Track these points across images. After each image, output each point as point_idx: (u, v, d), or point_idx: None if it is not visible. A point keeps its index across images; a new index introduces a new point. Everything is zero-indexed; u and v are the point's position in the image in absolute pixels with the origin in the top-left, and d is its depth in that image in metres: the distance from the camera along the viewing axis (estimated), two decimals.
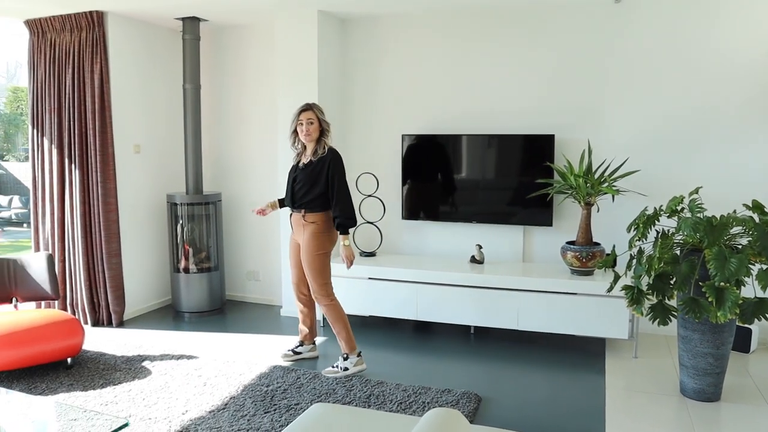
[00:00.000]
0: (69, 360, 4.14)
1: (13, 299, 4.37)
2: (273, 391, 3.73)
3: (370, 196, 5.23)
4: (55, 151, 5.09)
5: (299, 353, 4.35)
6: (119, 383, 3.88)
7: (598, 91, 4.75)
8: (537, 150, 4.78)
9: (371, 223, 5.23)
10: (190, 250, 5.46)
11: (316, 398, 3.62)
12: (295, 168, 4.12)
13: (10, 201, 13.03)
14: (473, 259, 4.92)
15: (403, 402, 3.56)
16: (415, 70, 5.21)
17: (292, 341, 4.69)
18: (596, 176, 4.48)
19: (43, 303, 5.10)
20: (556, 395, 3.71)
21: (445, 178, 5.08)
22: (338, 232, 4.01)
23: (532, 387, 3.85)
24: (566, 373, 4.06)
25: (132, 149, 5.32)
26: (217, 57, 5.79)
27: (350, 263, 4.05)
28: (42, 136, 5.17)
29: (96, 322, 5.17)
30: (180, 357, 4.34)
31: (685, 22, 4.50)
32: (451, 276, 4.66)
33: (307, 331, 4.36)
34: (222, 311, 5.55)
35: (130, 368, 4.12)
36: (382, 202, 5.23)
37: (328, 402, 3.42)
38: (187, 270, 5.44)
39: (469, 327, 4.94)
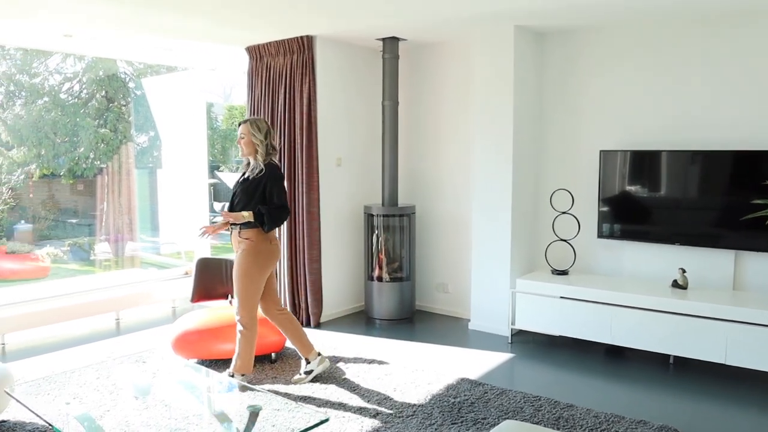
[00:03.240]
0: (273, 355, 4.52)
1: (228, 296, 4.85)
2: (460, 403, 3.77)
3: (564, 213, 5.09)
4: None
5: (310, 371, 4.17)
6: (316, 381, 4.14)
7: None
8: (752, 167, 4.35)
9: (565, 240, 5.09)
10: (384, 260, 5.69)
11: (503, 414, 3.60)
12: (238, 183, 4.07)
13: (223, 207, 14.43)
14: (675, 284, 4.60)
15: (595, 429, 3.42)
16: (613, 83, 4.99)
17: (480, 354, 4.71)
18: None
19: None
20: None
21: (645, 195, 4.81)
22: (273, 250, 3.97)
23: (740, 430, 3.50)
24: None
25: (334, 162, 5.69)
26: (415, 74, 6.00)
27: (204, 233, 4.04)
28: None
29: None
30: (371, 361, 4.54)
31: None
32: (650, 300, 4.40)
33: (302, 345, 4.17)
34: (411, 320, 5.71)
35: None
36: (576, 219, 5.07)
37: (516, 420, 3.38)
38: (380, 278, 5.68)
39: (668, 356, 4.61)
